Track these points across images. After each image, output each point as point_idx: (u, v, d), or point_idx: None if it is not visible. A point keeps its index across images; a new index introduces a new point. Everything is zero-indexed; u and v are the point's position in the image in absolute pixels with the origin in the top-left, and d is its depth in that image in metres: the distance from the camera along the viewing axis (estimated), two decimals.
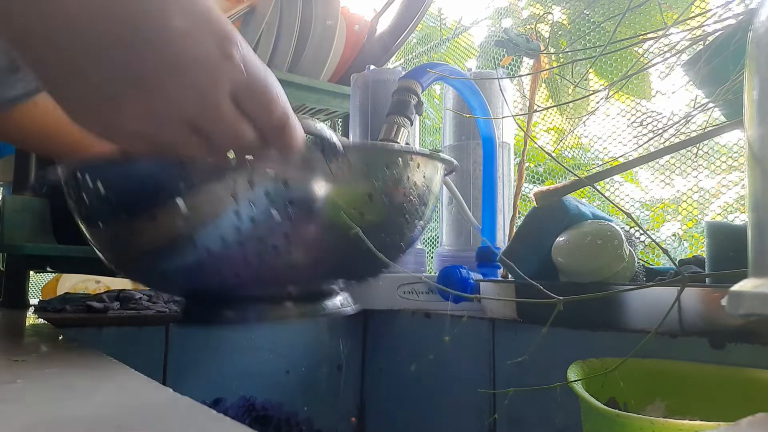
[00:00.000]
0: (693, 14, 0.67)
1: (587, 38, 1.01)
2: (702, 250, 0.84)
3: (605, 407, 0.41)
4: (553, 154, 1.10)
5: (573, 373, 0.50)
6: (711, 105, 0.65)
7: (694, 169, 0.89)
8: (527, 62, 1.07)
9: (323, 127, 0.42)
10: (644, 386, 0.52)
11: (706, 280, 0.59)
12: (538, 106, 1.00)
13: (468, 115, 0.93)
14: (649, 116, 0.93)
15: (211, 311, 0.49)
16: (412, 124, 0.79)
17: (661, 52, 0.66)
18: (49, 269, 0.90)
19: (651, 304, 0.58)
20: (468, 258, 0.91)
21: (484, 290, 0.78)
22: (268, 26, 1.02)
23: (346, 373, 0.95)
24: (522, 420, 0.70)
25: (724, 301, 0.32)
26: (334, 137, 0.42)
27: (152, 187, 0.42)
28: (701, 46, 0.64)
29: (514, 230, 0.92)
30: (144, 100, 0.32)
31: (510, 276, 0.82)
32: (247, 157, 0.39)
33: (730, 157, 0.85)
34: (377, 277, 0.58)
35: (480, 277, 0.82)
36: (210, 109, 0.33)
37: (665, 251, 0.47)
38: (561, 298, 0.50)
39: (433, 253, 1.04)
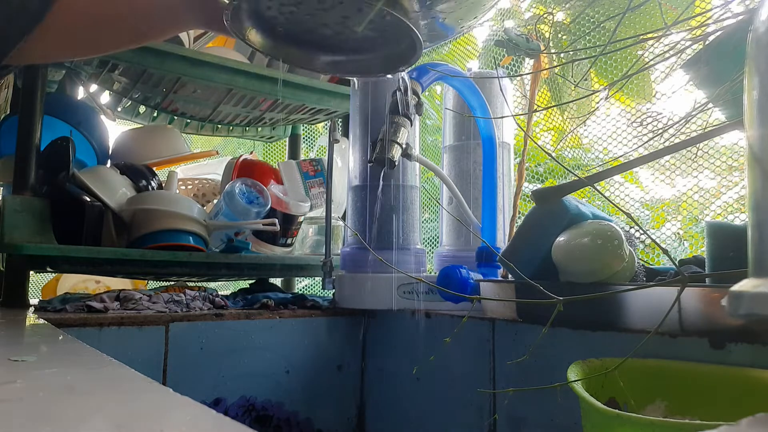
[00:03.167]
0: (693, 14, 0.67)
1: (588, 38, 1.01)
2: (702, 250, 0.84)
3: (605, 407, 0.41)
4: (554, 154, 1.10)
5: (573, 373, 0.50)
6: (711, 105, 0.65)
7: (694, 170, 0.89)
8: (529, 62, 1.07)
9: None
10: (644, 386, 0.52)
11: (706, 280, 0.59)
12: (538, 106, 1.00)
13: (468, 115, 0.93)
14: (650, 116, 0.93)
15: None
16: (412, 124, 0.79)
17: (662, 52, 0.66)
18: (49, 269, 0.90)
19: (651, 304, 0.58)
20: (468, 258, 0.91)
21: (484, 290, 0.78)
22: None
23: (346, 373, 0.95)
24: (522, 420, 0.70)
25: (724, 301, 0.32)
26: None
27: None
28: (701, 46, 0.63)
29: (515, 230, 0.92)
30: None
31: (510, 276, 0.82)
32: None
33: (730, 157, 0.85)
34: None
35: (480, 277, 0.82)
36: None
37: (665, 251, 0.47)
38: (561, 298, 0.50)
39: (433, 253, 1.04)
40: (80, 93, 1.11)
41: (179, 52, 0.96)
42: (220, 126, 1.27)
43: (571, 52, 0.94)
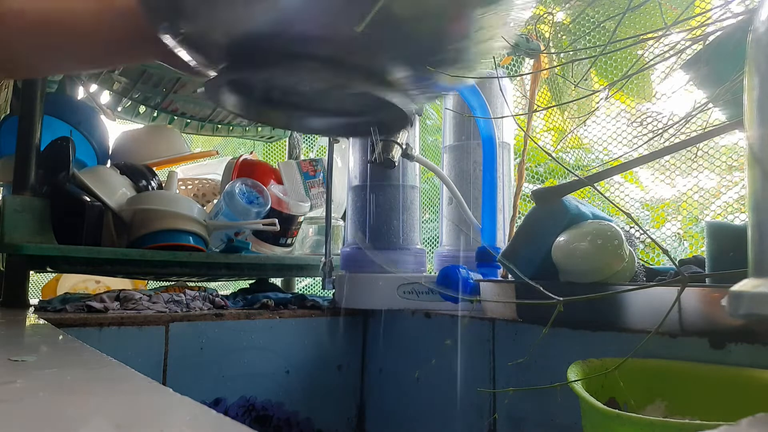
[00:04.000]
0: (693, 14, 0.67)
1: (588, 38, 1.01)
2: (702, 250, 0.84)
3: (605, 407, 0.41)
4: (554, 155, 1.10)
5: (573, 373, 0.50)
6: (711, 105, 0.65)
7: (694, 170, 0.89)
8: (529, 62, 1.07)
9: None
10: (644, 386, 0.52)
11: (706, 280, 0.59)
12: (538, 106, 1.00)
13: (468, 115, 0.93)
14: (650, 116, 0.93)
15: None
16: (411, 125, 0.79)
17: (662, 52, 0.66)
18: (49, 269, 0.90)
19: (651, 304, 0.58)
20: (468, 258, 0.91)
21: (484, 290, 0.78)
22: None
23: (346, 373, 0.95)
24: (522, 420, 0.70)
25: (724, 301, 0.32)
26: None
27: None
28: (701, 46, 0.64)
29: (514, 230, 0.92)
30: None
31: (510, 276, 0.82)
32: None
33: (730, 157, 0.85)
34: None
35: (480, 277, 0.82)
36: None
37: (665, 251, 0.47)
38: (561, 298, 0.50)
39: (433, 253, 1.04)
40: (80, 93, 1.11)
41: None
42: (220, 126, 1.27)
43: (571, 52, 0.94)
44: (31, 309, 0.79)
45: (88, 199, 0.88)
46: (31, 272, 0.86)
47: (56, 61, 0.57)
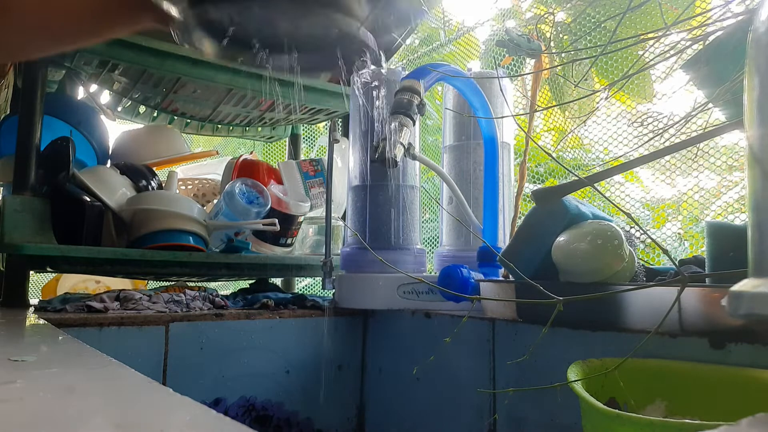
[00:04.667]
0: (693, 14, 0.67)
1: (588, 38, 1.01)
2: (702, 250, 0.84)
3: (605, 407, 0.41)
4: (554, 155, 1.10)
5: (573, 373, 0.50)
6: (711, 105, 0.65)
7: (694, 170, 0.89)
8: (529, 63, 1.07)
9: None
10: (644, 386, 0.52)
11: (706, 280, 0.59)
12: (539, 107, 1.00)
13: (468, 115, 0.93)
14: (650, 116, 0.93)
15: None
16: (414, 124, 0.79)
17: (662, 52, 0.66)
18: (49, 269, 0.90)
19: (651, 304, 0.58)
20: (467, 258, 0.91)
21: (485, 290, 0.77)
22: None
23: (346, 373, 0.95)
24: (522, 420, 0.70)
25: (724, 301, 0.32)
26: None
27: None
28: (701, 46, 0.64)
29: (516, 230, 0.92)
30: None
31: (510, 276, 0.82)
32: None
33: (730, 157, 0.85)
34: None
35: (481, 276, 0.82)
36: None
37: (665, 251, 0.47)
38: (561, 298, 0.50)
39: (433, 253, 1.04)
40: (80, 93, 1.11)
41: (179, 52, 0.96)
42: (220, 126, 1.27)
43: (571, 52, 0.94)
44: (31, 309, 0.79)
45: (88, 199, 0.88)
46: (31, 272, 0.86)
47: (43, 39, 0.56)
